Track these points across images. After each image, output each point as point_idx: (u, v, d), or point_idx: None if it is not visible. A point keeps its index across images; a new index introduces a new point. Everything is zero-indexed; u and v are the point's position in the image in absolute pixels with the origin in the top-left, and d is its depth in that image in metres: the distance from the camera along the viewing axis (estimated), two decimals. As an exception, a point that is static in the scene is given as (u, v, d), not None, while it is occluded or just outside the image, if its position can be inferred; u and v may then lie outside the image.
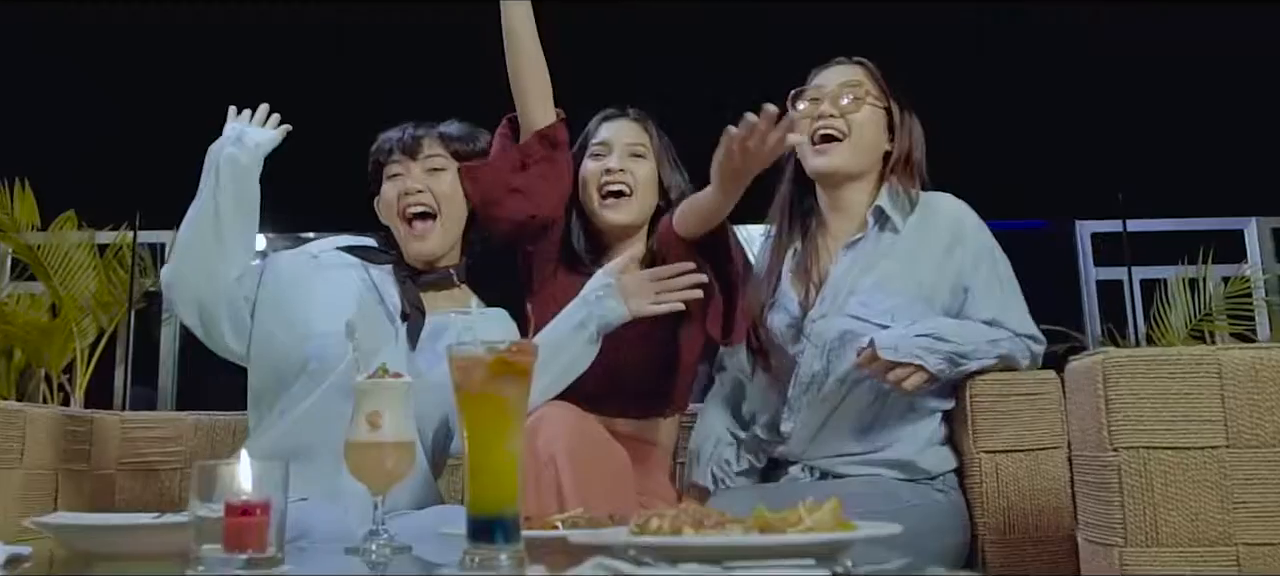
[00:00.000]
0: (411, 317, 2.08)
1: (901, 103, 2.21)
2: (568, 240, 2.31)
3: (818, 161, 2.18)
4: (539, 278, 2.31)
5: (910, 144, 2.19)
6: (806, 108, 2.20)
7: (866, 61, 2.24)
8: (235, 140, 2.10)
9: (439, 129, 2.19)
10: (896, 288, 2.07)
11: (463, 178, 2.17)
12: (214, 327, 2.07)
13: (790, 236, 2.27)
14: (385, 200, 2.17)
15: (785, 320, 2.16)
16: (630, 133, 2.34)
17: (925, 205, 2.16)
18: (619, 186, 2.27)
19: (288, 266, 2.14)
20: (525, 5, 2.21)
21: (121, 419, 2.64)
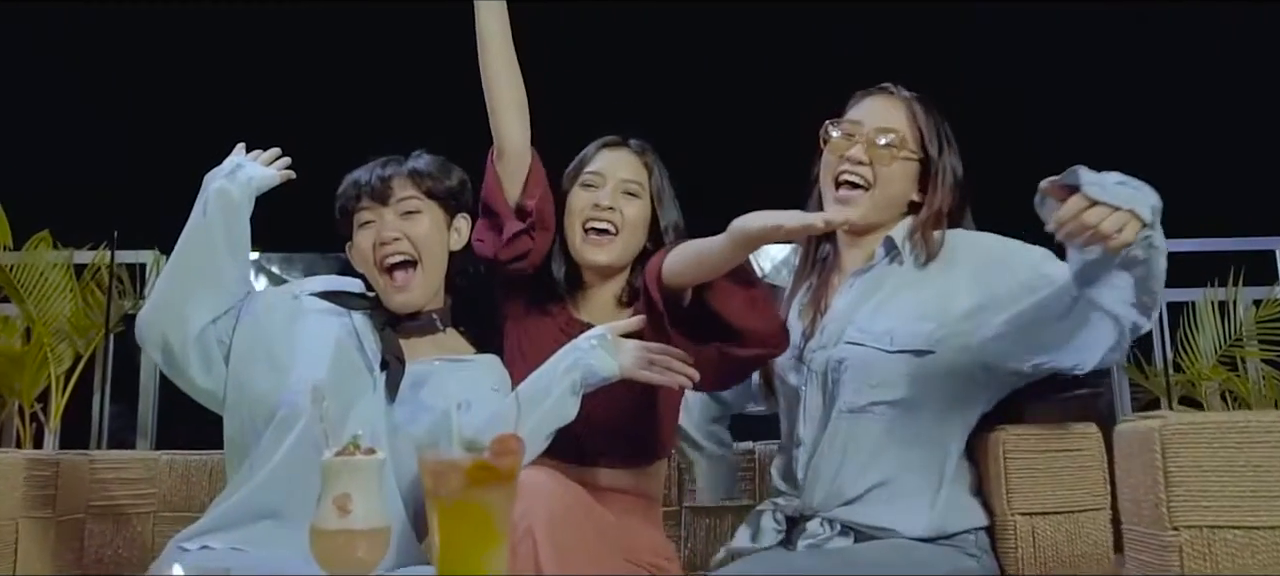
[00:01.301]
0: (391, 367, 1.97)
1: (941, 146, 2.08)
2: (547, 266, 2.21)
3: (837, 212, 2.07)
4: (512, 302, 2.23)
5: (942, 202, 2.06)
6: (838, 140, 2.10)
7: (912, 99, 2.12)
8: (229, 173, 2.02)
9: (409, 166, 2.08)
10: (893, 309, 1.98)
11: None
12: (182, 374, 1.99)
13: (806, 272, 2.19)
14: (359, 249, 2.06)
15: (789, 352, 2.08)
16: (627, 166, 2.23)
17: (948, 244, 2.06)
18: (604, 224, 2.16)
19: (266, 307, 2.05)
20: (499, 6, 2.10)
21: (91, 459, 2.52)
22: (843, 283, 2.10)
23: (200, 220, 1.98)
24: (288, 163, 2.12)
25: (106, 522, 2.45)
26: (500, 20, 2.10)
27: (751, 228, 1.81)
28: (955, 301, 1.96)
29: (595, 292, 2.22)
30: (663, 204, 2.22)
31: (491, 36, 2.09)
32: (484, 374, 2.07)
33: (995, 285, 1.94)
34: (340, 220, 2.10)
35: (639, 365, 1.91)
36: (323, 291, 2.09)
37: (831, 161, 2.09)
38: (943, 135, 2.09)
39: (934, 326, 1.94)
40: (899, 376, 1.93)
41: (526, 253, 2.15)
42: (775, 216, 1.79)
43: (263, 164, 2.09)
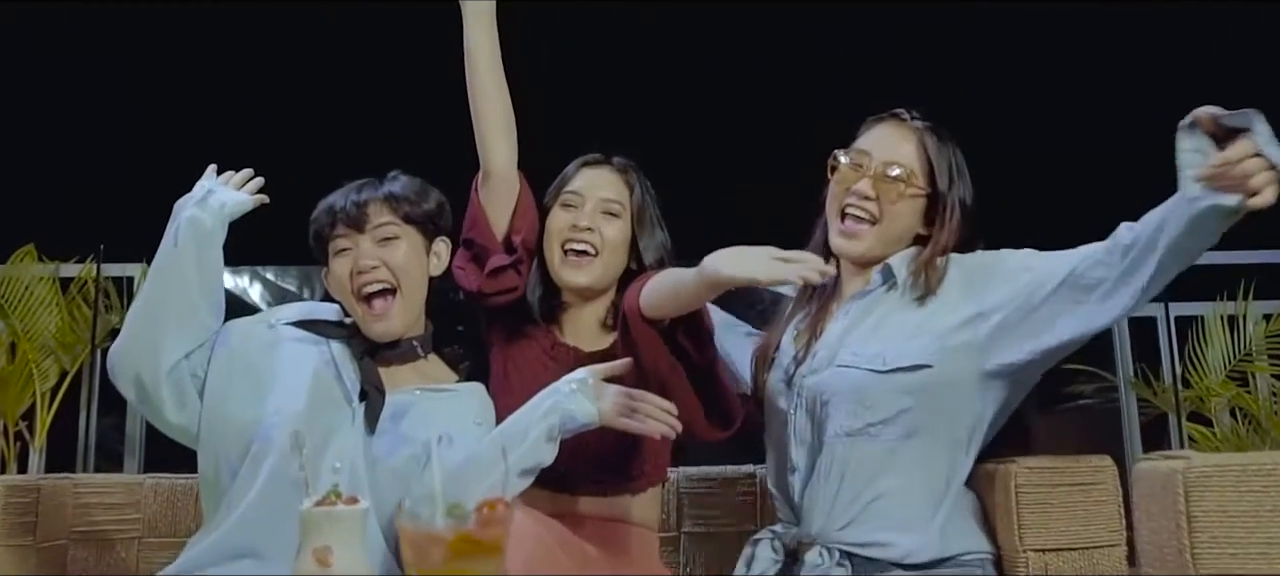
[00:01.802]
0: (370, 398, 1.93)
1: (951, 179, 2.04)
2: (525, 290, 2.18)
3: (841, 243, 2.07)
4: (497, 329, 2.19)
5: (948, 239, 2.03)
6: (845, 170, 2.06)
7: (923, 129, 2.07)
8: (200, 200, 1.97)
9: (384, 189, 2.03)
10: (885, 332, 1.97)
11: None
12: (155, 411, 1.95)
13: (806, 299, 2.16)
14: (335, 278, 2.01)
15: (779, 376, 2.08)
16: (608, 186, 2.18)
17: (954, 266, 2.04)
18: (583, 246, 2.12)
19: (241, 338, 2.00)
20: (487, 22, 2.04)
21: (74, 483, 2.47)
22: (839, 309, 2.07)
23: (170, 251, 1.93)
24: (260, 184, 2.07)
25: (90, 548, 2.41)
26: (489, 37, 2.05)
27: (723, 273, 1.78)
28: (946, 317, 1.95)
29: (578, 314, 2.18)
30: (643, 224, 2.18)
31: (479, 54, 2.04)
32: (467, 405, 2.02)
33: (983, 289, 1.94)
34: (314, 246, 2.05)
35: (619, 412, 1.85)
36: (299, 320, 2.04)
37: (838, 192, 2.06)
38: (953, 167, 2.05)
39: (928, 341, 1.93)
40: (894, 396, 1.91)
41: (512, 288, 2.11)
42: (749, 267, 1.76)
43: (234, 186, 2.04)
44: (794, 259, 1.76)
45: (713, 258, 1.81)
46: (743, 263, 1.77)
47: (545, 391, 1.89)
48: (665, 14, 4.93)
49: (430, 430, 1.90)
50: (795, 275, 1.74)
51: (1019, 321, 1.89)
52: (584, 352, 2.14)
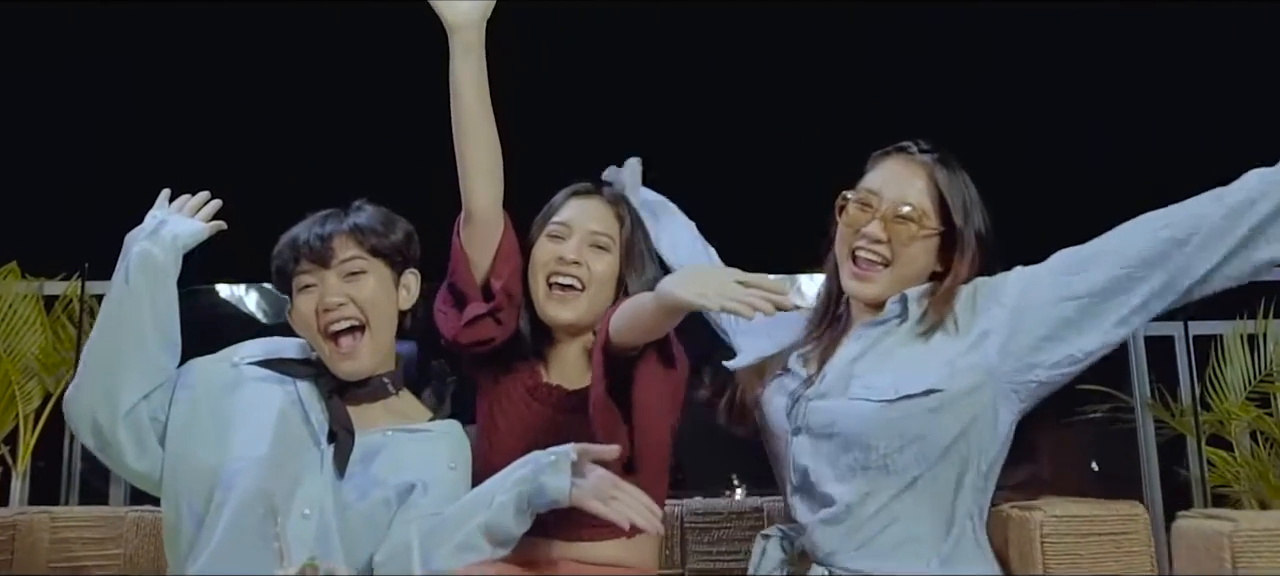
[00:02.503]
0: (339, 439, 1.86)
1: (966, 213, 2.00)
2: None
3: (854, 286, 2.03)
4: (483, 369, 2.13)
5: (964, 276, 1.99)
6: (854, 212, 2.02)
7: (933, 163, 2.02)
8: (151, 232, 1.90)
9: (350, 221, 1.96)
10: (896, 363, 1.93)
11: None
12: (114, 458, 1.89)
13: (819, 328, 2.13)
14: (300, 315, 1.94)
15: (783, 400, 2.04)
16: (597, 218, 2.12)
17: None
18: (570, 280, 2.06)
19: (203, 378, 1.94)
20: (475, 55, 1.97)
21: (51, 517, 2.41)
22: (850, 334, 2.04)
23: (122, 288, 1.87)
24: (217, 208, 2.01)
25: (69, 584, 2.35)
26: (476, 70, 1.97)
27: (676, 296, 1.70)
28: (955, 342, 1.92)
29: (564, 351, 2.12)
30: (633, 259, 2.12)
31: (466, 87, 1.97)
32: (441, 446, 1.95)
33: (989, 307, 1.92)
34: (277, 281, 1.98)
35: (594, 495, 1.74)
36: (263, 360, 1.97)
37: (847, 234, 2.02)
38: (966, 201, 2.01)
39: (937, 366, 1.89)
40: (905, 423, 1.88)
41: (489, 339, 2.03)
42: (701, 291, 1.66)
43: (189, 213, 1.98)
44: (754, 284, 1.67)
45: (669, 280, 1.74)
46: (695, 285, 1.68)
47: (524, 459, 1.80)
48: (673, 14, 4.88)
49: (403, 472, 1.85)
50: (748, 306, 1.64)
51: (1033, 330, 1.86)
52: (567, 391, 2.09)
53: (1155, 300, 1.80)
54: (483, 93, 1.98)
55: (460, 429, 2.02)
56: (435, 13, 1.96)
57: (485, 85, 1.98)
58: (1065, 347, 1.85)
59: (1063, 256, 1.90)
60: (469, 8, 1.97)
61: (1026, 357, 1.87)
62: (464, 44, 1.96)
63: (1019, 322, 1.88)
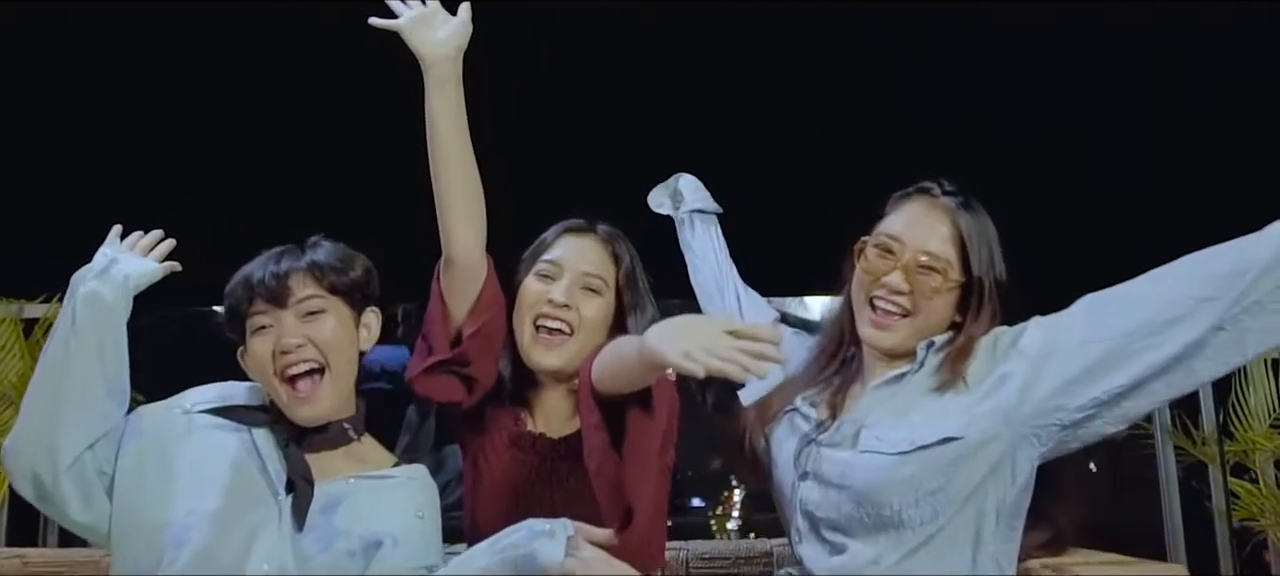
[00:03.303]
0: (298, 489, 1.82)
1: (989, 261, 1.94)
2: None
3: (873, 335, 1.97)
4: (469, 418, 2.07)
5: (982, 329, 1.93)
6: (874, 260, 1.96)
7: (956, 208, 1.96)
8: (101, 271, 1.85)
9: (308, 259, 1.88)
10: (913, 416, 1.88)
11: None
12: (58, 511, 1.82)
13: (826, 369, 2.07)
14: (255, 358, 1.86)
15: (793, 443, 2.00)
16: (590, 258, 2.05)
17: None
18: (558, 323, 1.99)
19: (152, 427, 1.87)
20: (453, 89, 1.89)
21: (23, 559, 2.37)
22: (866, 390, 1.99)
23: (67, 330, 1.79)
24: (171, 248, 1.95)
25: (37, 629, 2.29)
26: (453, 105, 1.90)
27: (663, 355, 1.58)
28: (972, 391, 1.87)
29: (550, 397, 2.04)
30: (629, 301, 2.04)
31: (442, 123, 1.89)
32: (407, 494, 1.87)
33: (1007, 353, 1.86)
34: (229, 322, 1.90)
35: (586, 571, 1.67)
36: (216, 407, 1.89)
37: (866, 282, 1.96)
38: (990, 249, 1.95)
39: (955, 415, 1.85)
40: (921, 476, 1.83)
41: (457, 400, 1.97)
42: (687, 355, 1.52)
43: (141, 252, 1.93)
44: (746, 335, 1.55)
45: (654, 334, 1.62)
46: (681, 341, 1.55)
47: (516, 526, 1.73)
48: (674, 21, 4.82)
49: (367, 522, 1.79)
50: (739, 367, 1.51)
51: (1057, 372, 1.79)
52: (552, 439, 2.02)
53: (1198, 350, 1.72)
54: (460, 128, 1.91)
55: (427, 474, 1.94)
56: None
57: (463, 120, 1.92)
58: (1091, 389, 1.77)
59: (1090, 300, 1.85)
60: (443, 40, 1.90)
61: (1049, 400, 1.80)
62: (438, 78, 1.89)
63: (1042, 366, 1.81)
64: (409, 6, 1.95)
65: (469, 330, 1.95)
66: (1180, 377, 1.75)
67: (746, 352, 1.51)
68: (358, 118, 4.96)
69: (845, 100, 4.94)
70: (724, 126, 4.94)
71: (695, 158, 4.85)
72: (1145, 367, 1.74)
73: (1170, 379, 1.75)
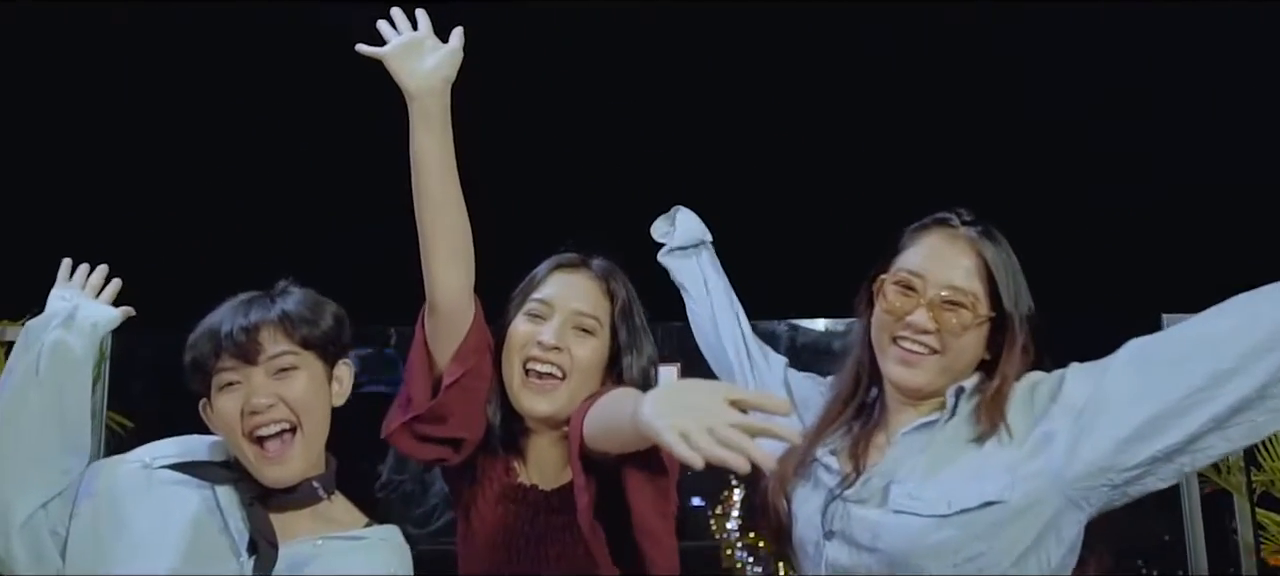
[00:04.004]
0: (260, 552, 1.77)
1: (1017, 294, 1.84)
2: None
3: (899, 374, 1.86)
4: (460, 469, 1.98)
5: (1016, 368, 1.83)
6: (895, 299, 1.86)
7: (978, 237, 1.86)
8: (65, 320, 1.79)
9: (278, 309, 1.80)
10: (949, 472, 1.79)
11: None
12: (10, 573, 1.75)
13: (844, 414, 1.96)
14: (221, 415, 1.78)
15: (816, 496, 1.90)
16: (583, 296, 1.96)
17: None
18: (548, 367, 1.90)
19: (109, 483, 1.82)
20: (439, 123, 1.81)
21: None
22: (891, 440, 1.90)
23: (29, 381, 1.73)
24: (118, 288, 1.91)
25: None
26: (440, 140, 1.82)
27: (658, 433, 1.41)
28: (1013, 447, 1.78)
29: (542, 445, 1.95)
30: (623, 341, 1.94)
31: (428, 159, 1.81)
32: (379, 557, 1.81)
33: (1049, 405, 1.78)
34: (191, 375, 1.81)
35: None
36: (178, 463, 1.82)
37: (887, 321, 1.86)
38: (1016, 281, 1.85)
39: (996, 475, 1.75)
40: (963, 542, 1.74)
41: (441, 459, 1.89)
42: (684, 436, 1.35)
43: (92, 292, 1.89)
44: (752, 405, 1.42)
45: (650, 403, 1.46)
46: (678, 417, 1.38)
47: None
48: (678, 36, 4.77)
49: None
50: (739, 459, 1.34)
51: (1109, 431, 1.69)
52: (544, 491, 1.92)
53: (1259, 402, 1.62)
54: (447, 166, 1.83)
55: (398, 535, 1.88)
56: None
57: (450, 157, 1.83)
58: (1144, 449, 1.67)
59: (1136, 349, 1.75)
60: (429, 72, 1.82)
61: (1099, 461, 1.70)
62: (423, 112, 1.80)
63: (1090, 425, 1.71)
64: (398, 32, 1.87)
65: (449, 379, 1.86)
66: (1240, 432, 1.65)
67: (752, 431, 1.37)
68: (355, 127, 4.91)
69: (845, 118, 4.89)
70: (724, 145, 4.89)
71: (692, 175, 4.80)
72: (1202, 423, 1.64)
73: (1229, 433, 1.65)
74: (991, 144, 4.64)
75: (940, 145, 4.55)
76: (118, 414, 4.56)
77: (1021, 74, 4.77)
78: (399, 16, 1.91)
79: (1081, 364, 1.82)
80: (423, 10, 1.93)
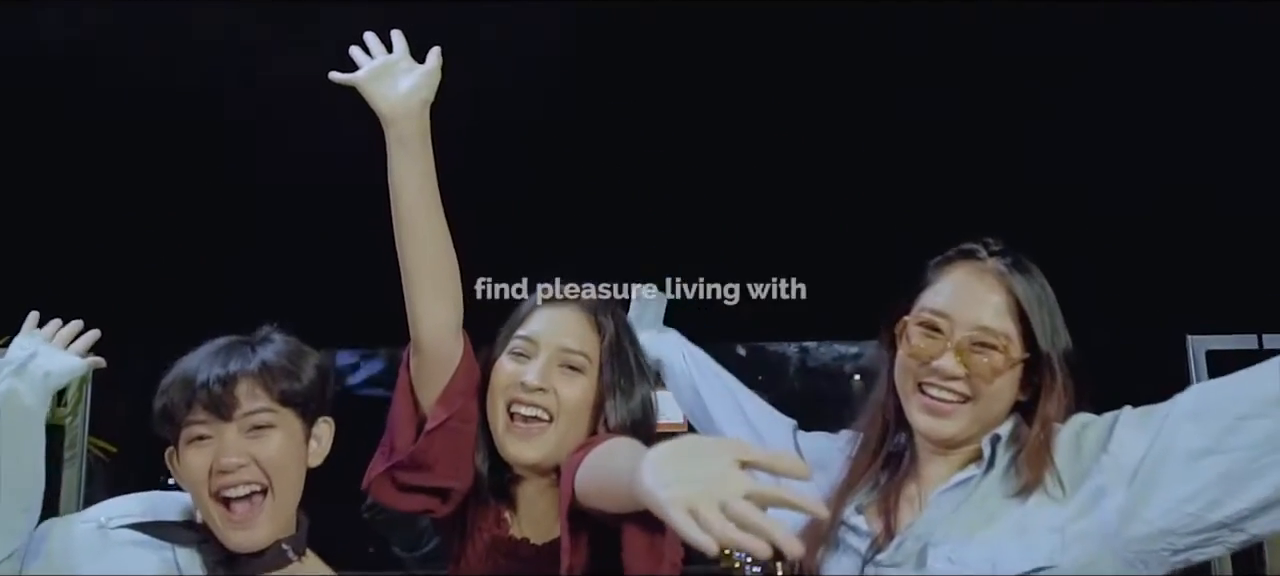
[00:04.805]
0: None
1: (1053, 331, 1.71)
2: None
3: (928, 423, 1.72)
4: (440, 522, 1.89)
5: (1056, 412, 1.70)
6: (921, 342, 1.72)
7: (1009, 270, 1.73)
8: (19, 368, 1.71)
9: (258, 360, 1.70)
10: (993, 532, 1.66)
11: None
12: None
13: (872, 465, 1.82)
14: (189, 470, 1.68)
15: (846, 562, 1.76)
16: (571, 331, 1.83)
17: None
18: (534, 410, 1.77)
19: (62, 543, 1.72)
20: (414, 152, 1.73)
21: None
22: (924, 494, 1.76)
23: None
24: (94, 338, 1.82)
25: None
26: (417, 169, 1.73)
27: (659, 504, 1.21)
28: (1061, 504, 1.64)
29: (532, 493, 1.83)
30: (614, 379, 1.81)
31: (407, 187, 1.73)
32: None
33: (1099, 456, 1.63)
34: (159, 423, 1.71)
35: None
36: (137, 522, 1.73)
37: (911, 365, 1.72)
38: (1051, 316, 1.72)
39: (1042, 536, 1.62)
40: None
41: (427, 509, 1.79)
42: (690, 510, 1.15)
43: (61, 344, 1.80)
44: (765, 467, 1.22)
45: (650, 469, 1.23)
46: (682, 487, 1.18)
47: None
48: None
49: None
50: (760, 545, 1.13)
51: (1170, 489, 1.56)
52: (535, 546, 1.81)
53: None
54: (428, 194, 1.73)
55: None
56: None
57: (431, 184, 1.74)
58: (1211, 513, 1.54)
59: (1197, 397, 1.61)
60: (405, 94, 1.73)
61: (1159, 523, 1.57)
62: (400, 137, 1.72)
63: (1148, 483, 1.58)
64: (372, 56, 1.80)
65: (433, 423, 1.76)
66: None
67: (769, 501, 1.17)
68: (352, 136, 4.83)
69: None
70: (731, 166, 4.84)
71: (697, 197, 4.74)
72: (1276, 487, 1.50)
73: None
74: (1009, 157, 4.56)
75: (951, 156, 4.48)
76: (100, 440, 4.49)
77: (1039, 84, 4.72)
78: (372, 41, 1.84)
79: (1134, 408, 1.67)
80: (398, 31, 1.85)
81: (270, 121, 4.29)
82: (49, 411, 3.85)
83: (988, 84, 4.52)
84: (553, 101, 4.21)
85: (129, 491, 1.82)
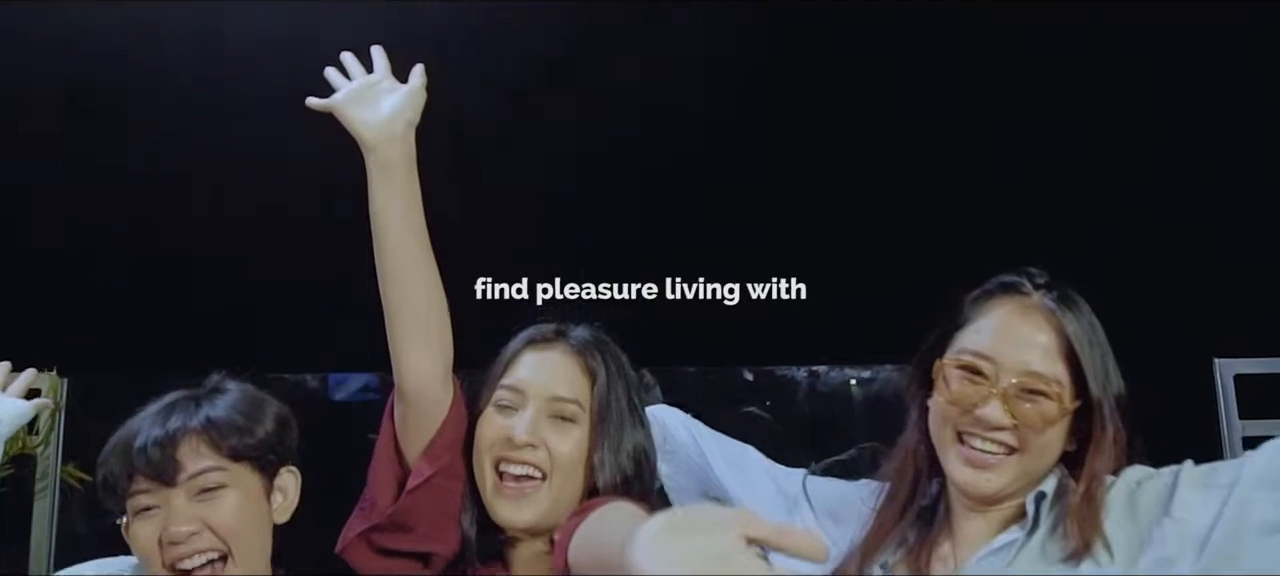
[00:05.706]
0: None
1: (1106, 376, 1.60)
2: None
3: (969, 477, 1.61)
4: None
5: (1105, 466, 1.60)
6: (960, 388, 1.61)
7: (1058, 308, 1.62)
8: None
9: (202, 415, 1.61)
10: None
11: None
12: None
13: (901, 520, 1.71)
14: (138, 543, 1.59)
15: None
16: (561, 378, 1.73)
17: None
18: (524, 469, 1.67)
19: None
20: (398, 180, 1.62)
21: None
22: (960, 556, 1.66)
23: None
24: (31, 378, 1.80)
25: None
26: (402, 199, 1.64)
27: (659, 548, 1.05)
28: (1113, 565, 1.56)
29: (526, 557, 1.74)
30: (606, 426, 1.71)
31: (390, 221, 1.63)
32: None
33: (1160, 520, 1.54)
34: (103, 494, 1.62)
35: None
36: None
37: (951, 414, 1.60)
38: (1102, 354, 1.60)
39: None
40: None
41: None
42: None
43: (10, 390, 1.77)
44: (774, 546, 1.04)
45: (646, 544, 1.06)
46: (679, 568, 1.01)
47: None
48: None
49: None
50: None
51: (1246, 562, 1.47)
52: None
53: None
54: (413, 226, 1.64)
55: None
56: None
57: (417, 215, 1.65)
58: None
59: (1276, 461, 1.51)
60: (389, 120, 1.65)
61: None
62: (381, 164, 1.63)
63: (1223, 555, 1.47)
64: (350, 79, 1.72)
65: (415, 481, 1.66)
66: None
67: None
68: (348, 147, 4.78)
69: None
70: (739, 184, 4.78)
71: (707, 215, 4.69)
72: None
73: None
74: (1024, 171, 4.51)
75: (971, 172, 4.43)
76: (75, 469, 4.41)
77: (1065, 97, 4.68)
78: (351, 61, 1.76)
79: (1195, 465, 1.58)
80: (378, 48, 1.77)
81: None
82: (20, 441, 3.78)
83: (1003, 89, 4.49)
84: (553, 101, 4.17)
85: (103, 521, 1.72)
